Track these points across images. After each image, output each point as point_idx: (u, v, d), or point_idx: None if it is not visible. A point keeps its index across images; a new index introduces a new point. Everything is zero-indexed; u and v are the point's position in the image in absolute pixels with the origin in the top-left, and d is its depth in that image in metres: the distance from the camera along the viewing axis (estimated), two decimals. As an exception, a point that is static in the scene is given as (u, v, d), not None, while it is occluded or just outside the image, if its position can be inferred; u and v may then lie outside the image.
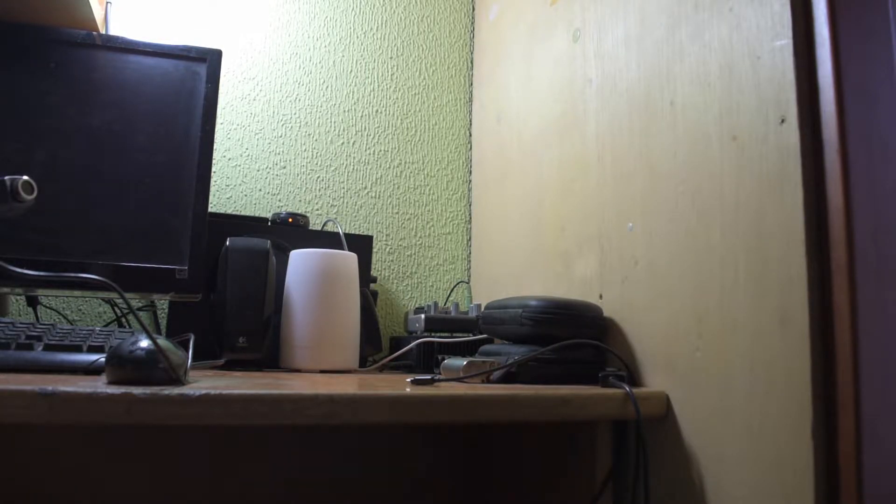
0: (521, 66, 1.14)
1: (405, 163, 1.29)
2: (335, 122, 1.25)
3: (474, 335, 1.01)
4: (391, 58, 1.31)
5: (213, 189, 1.14)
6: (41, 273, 0.64)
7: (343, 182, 1.24)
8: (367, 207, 1.26)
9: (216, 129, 0.91)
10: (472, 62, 1.37)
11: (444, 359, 0.83)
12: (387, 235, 1.26)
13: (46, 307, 1.04)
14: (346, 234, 1.04)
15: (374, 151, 1.27)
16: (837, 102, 0.59)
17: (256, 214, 1.16)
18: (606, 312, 0.84)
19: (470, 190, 1.32)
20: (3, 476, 0.92)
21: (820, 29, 0.61)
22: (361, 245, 1.05)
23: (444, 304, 1.19)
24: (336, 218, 1.23)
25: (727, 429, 0.65)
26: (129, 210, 0.85)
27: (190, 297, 0.86)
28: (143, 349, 0.54)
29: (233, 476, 1.02)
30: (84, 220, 0.83)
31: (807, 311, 0.58)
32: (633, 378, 0.78)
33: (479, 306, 1.07)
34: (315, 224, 1.20)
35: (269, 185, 1.19)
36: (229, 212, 1.15)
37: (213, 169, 1.14)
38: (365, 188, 1.26)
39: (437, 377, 0.72)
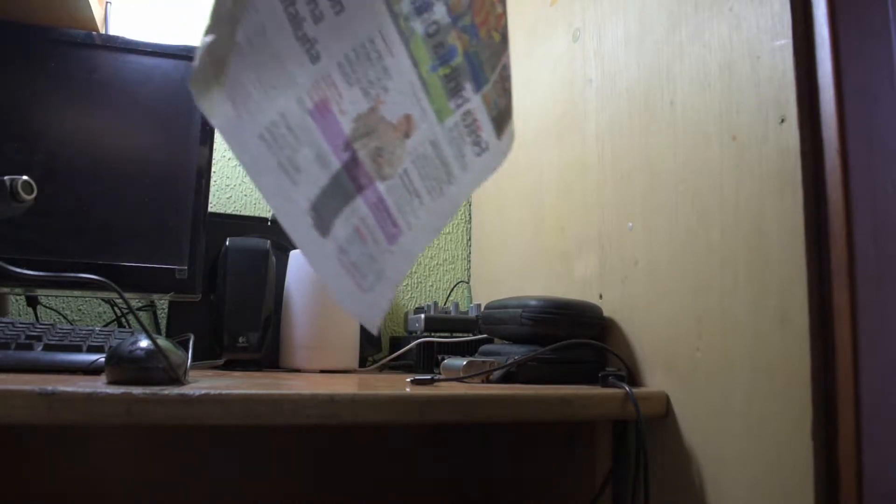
0: (520, 66, 1.14)
1: (405, 163, 1.29)
2: (335, 122, 1.25)
3: (474, 335, 1.01)
4: (391, 58, 1.31)
5: (213, 189, 1.14)
6: (41, 273, 0.64)
7: (343, 182, 1.24)
8: (367, 207, 1.25)
9: (216, 129, 0.91)
10: (472, 62, 1.36)
11: (444, 359, 0.83)
12: (387, 235, 1.26)
13: (46, 307, 1.04)
14: (346, 234, 1.03)
15: (374, 151, 1.27)
16: (837, 102, 0.59)
17: (256, 214, 1.16)
18: (606, 312, 0.84)
19: (470, 190, 1.32)
20: (3, 476, 0.92)
21: (820, 29, 0.61)
22: (361, 245, 1.05)
23: (444, 304, 1.19)
24: (336, 218, 1.22)
25: (727, 429, 0.65)
26: (129, 210, 0.85)
27: (190, 297, 0.86)
28: (142, 349, 0.54)
29: (233, 476, 1.02)
30: (84, 220, 0.83)
31: (807, 311, 0.58)
32: (633, 378, 0.78)
33: (479, 306, 1.07)
34: (315, 224, 1.19)
35: (269, 185, 1.19)
36: (229, 212, 1.15)
37: (213, 169, 1.14)
38: (365, 188, 1.26)
39: (437, 377, 0.72)
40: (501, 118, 0.45)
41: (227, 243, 0.88)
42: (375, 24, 0.46)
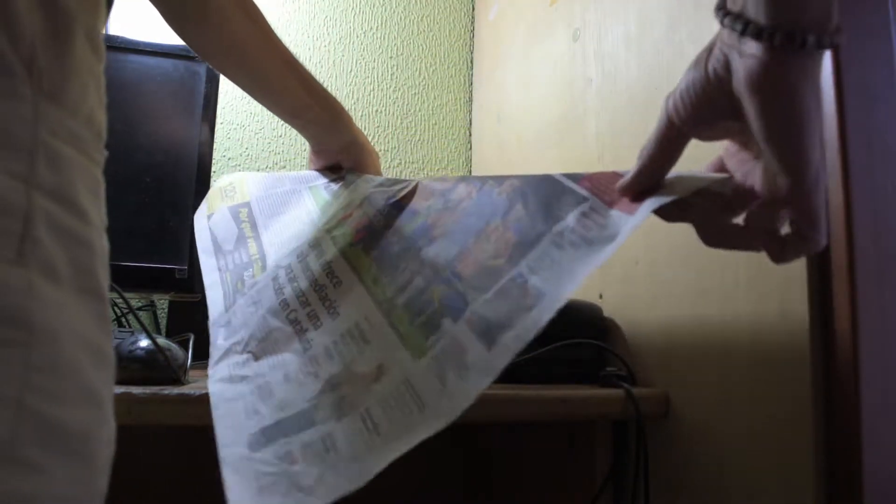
0: (520, 66, 1.14)
1: (405, 163, 1.29)
2: (335, 122, 1.25)
3: (474, 335, 1.01)
4: (391, 57, 1.31)
5: (213, 189, 1.14)
6: (41, 273, 0.64)
7: (343, 182, 1.24)
8: (367, 207, 1.25)
9: (216, 129, 0.91)
10: (472, 62, 1.37)
11: (444, 359, 0.83)
12: (387, 235, 1.26)
13: (46, 307, 1.04)
14: (346, 234, 1.03)
15: (374, 151, 1.27)
16: (837, 102, 0.59)
17: (256, 214, 1.16)
18: (606, 312, 0.84)
19: (470, 190, 1.32)
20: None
21: (820, 29, 0.61)
22: (361, 245, 1.05)
23: (444, 304, 1.19)
24: (336, 218, 1.22)
25: (727, 429, 0.65)
26: (129, 210, 0.85)
27: (190, 297, 0.86)
28: (143, 349, 0.54)
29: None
30: (84, 220, 0.83)
31: (807, 311, 0.58)
32: (633, 378, 0.78)
33: (479, 306, 1.07)
34: (315, 224, 1.20)
35: (269, 184, 1.19)
36: (229, 212, 1.15)
37: (213, 169, 1.14)
38: (365, 188, 1.26)
39: (437, 377, 0.72)
40: (496, 328, 0.45)
41: (227, 243, 0.88)
42: (362, 313, 0.55)
